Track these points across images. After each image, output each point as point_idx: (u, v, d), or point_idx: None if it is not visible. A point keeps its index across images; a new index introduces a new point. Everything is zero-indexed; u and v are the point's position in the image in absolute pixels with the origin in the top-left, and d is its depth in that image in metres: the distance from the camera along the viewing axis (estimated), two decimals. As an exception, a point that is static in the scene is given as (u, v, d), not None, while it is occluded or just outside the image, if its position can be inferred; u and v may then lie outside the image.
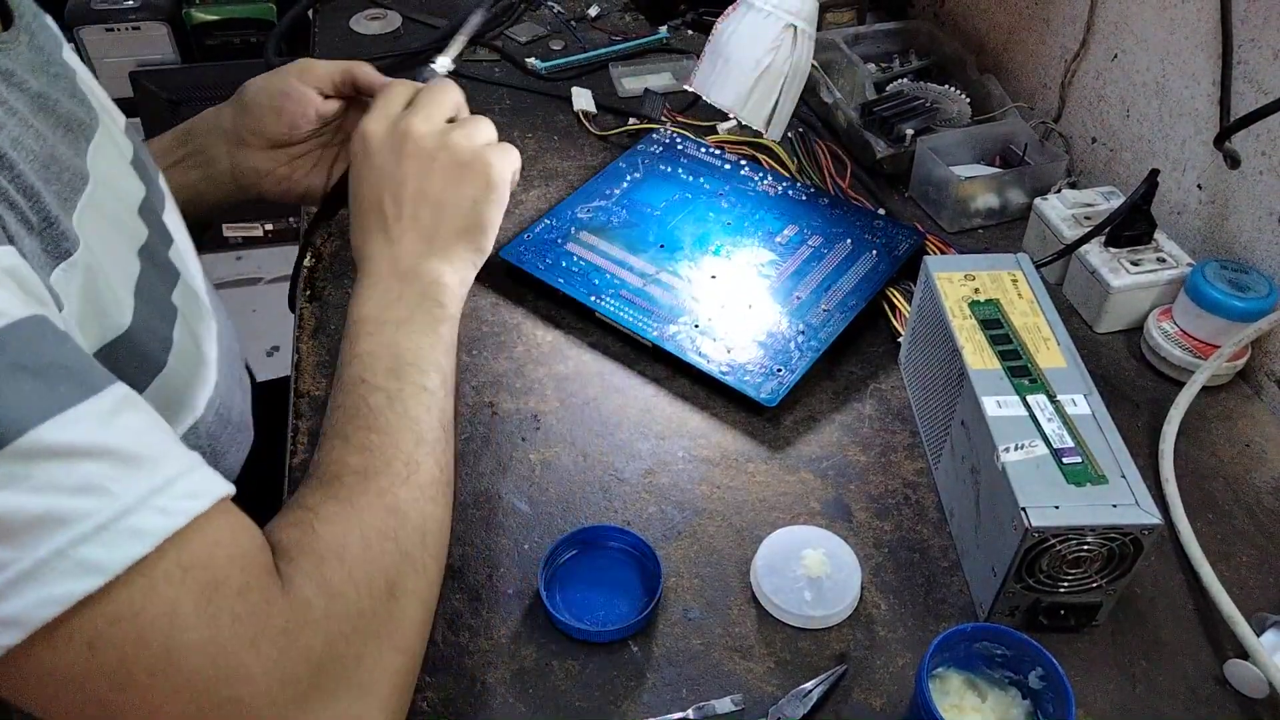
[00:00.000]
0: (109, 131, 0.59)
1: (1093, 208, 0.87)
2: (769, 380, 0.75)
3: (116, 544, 0.37)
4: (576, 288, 0.82)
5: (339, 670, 0.44)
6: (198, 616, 0.39)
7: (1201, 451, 0.74)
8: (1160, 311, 0.81)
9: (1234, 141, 0.77)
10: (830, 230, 0.88)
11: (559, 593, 0.63)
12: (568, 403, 0.76)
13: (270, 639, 0.41)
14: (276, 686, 0.41)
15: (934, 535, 0.68)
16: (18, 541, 0.36)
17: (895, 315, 0.83)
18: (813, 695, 0.58)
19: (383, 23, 1.21)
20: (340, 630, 0.44)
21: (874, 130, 0.98)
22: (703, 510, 0.69)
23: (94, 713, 0.39)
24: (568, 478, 0.71)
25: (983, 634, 0.56)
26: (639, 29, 1.23)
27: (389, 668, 0.47)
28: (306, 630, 0.43)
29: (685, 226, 0.88)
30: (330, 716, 0.43)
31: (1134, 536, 0.56)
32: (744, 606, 0.63)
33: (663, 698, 0.59)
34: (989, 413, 0.61)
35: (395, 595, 0.48)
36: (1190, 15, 0.82)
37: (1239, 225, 0.81)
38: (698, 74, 0.81)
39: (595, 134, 1.04)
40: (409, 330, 0.61)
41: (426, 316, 0.62)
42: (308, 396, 0.76)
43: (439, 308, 0.63)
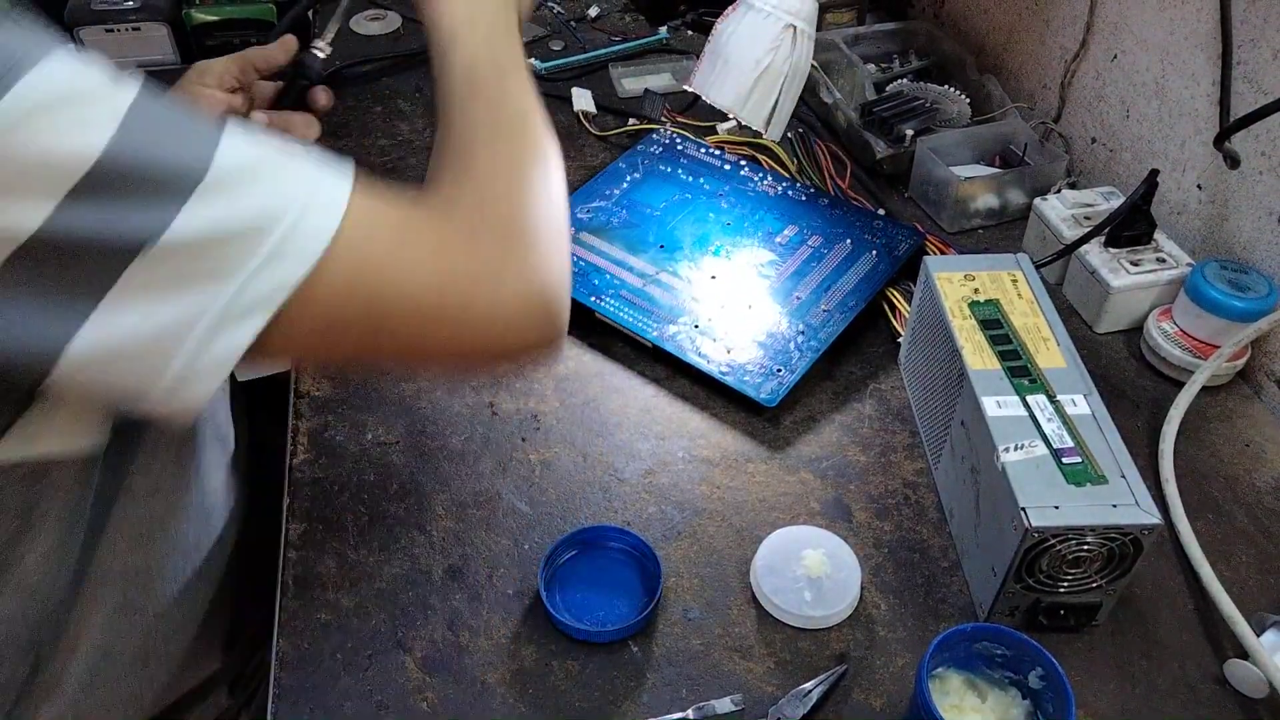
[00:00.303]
0: None
1: (1093, 208, 0.87)
2: (769, 380, 0.75)
3: (325, 213, 0.44)
4: (576, 288, 0.82)
5: (511, 232, 0.50)
6: (400, 246, 0.47)
7: (1201, 451, 0.74)
8: (1160, 311, 0.81)
9: (1234, 141, 0.77)
10: (830, 230, 0.88)
11: (559, 593, 0.63)
12: (568, 403, 0.76)
13: (457, 235, 0.49)
14: (480, 266, 0.48)
15: (934, 535, 0.68)
16: (261, 229, 0.42)
17: (895, 315, 0.83)
18: (813, 695, 0.58)
19: (383, 23, 1.21)
20: (495, 207, 0.51)
21: (874, 130, 0.98)
22: (703, 510, 0.69)
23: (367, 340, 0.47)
24: (568, 478, 0.71)
25: (983, 634, 0.56)
26: (639, 29, 1.23)
27: (545, 220, 0.52)
28: (472, 218, 0.50)
29: (685, 227, 0.88)
30: (521, 265, 0.49)
31: (1134, 536, 0.56)
32: (744, 606, 0.63)
33: (663, 698, 0.59)
34: (989, 413, 0.61)
35: (527, 157, 0.54)
36: (1190, 15, 0.82)
37: (1239, 225, 0.81)
38: (697, 74, 0.81)
39: (595, 134, 1.04)
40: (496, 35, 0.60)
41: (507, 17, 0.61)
42: (308, 397, 0.76)
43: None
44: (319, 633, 0.61)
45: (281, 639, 0.61)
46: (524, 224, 0.51)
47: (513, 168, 0.53)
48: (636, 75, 1.13)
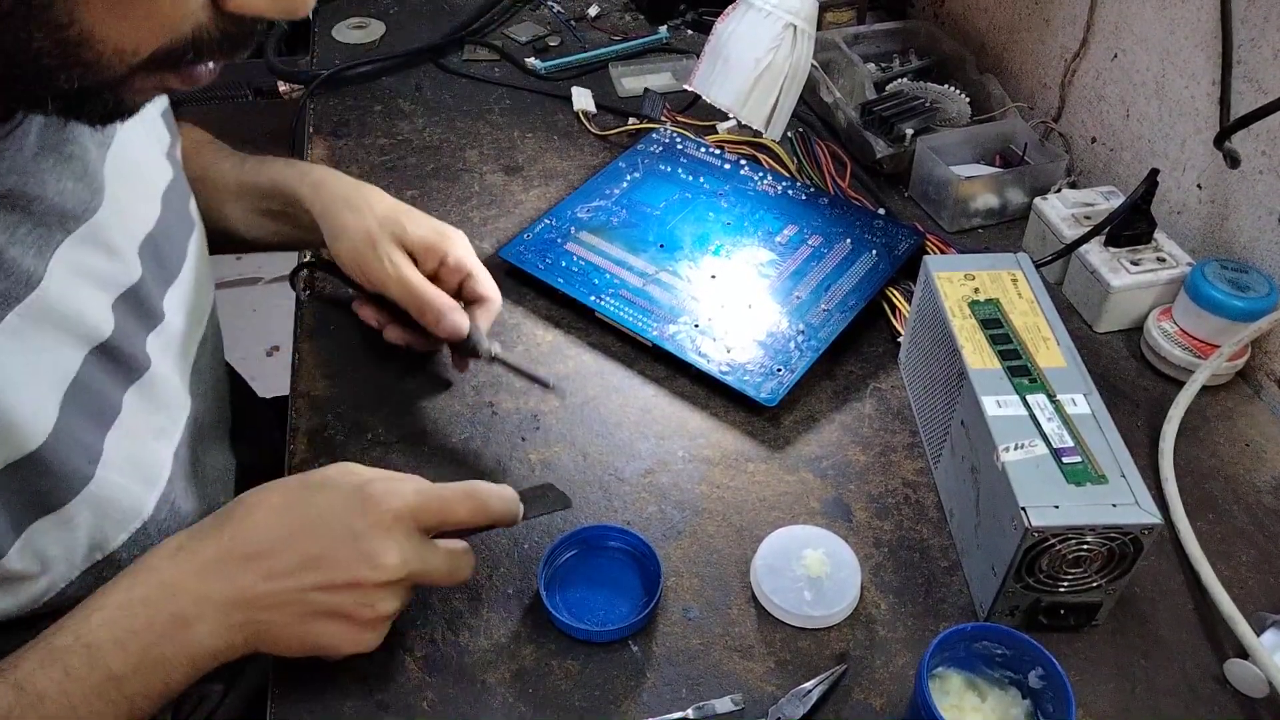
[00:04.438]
0: (115, 208, 0.58)
1: (1093, 207, 0.87)
2: (769, 380, 0.75)
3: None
4: (576, 288, 0.82)
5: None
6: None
7: (1201, 451, 0.74)
8: (1160, 311, 0.81)
9: (1234, 141, 0.77)
10: (830, 230, 0.88)
11: (559, 593, 0.63)
12: (568, 402, 0.76)
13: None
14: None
15: (934, 535, 0.68)
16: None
17: (895, 315, 0.83)
18: (813, 695, 0.58)
19: (364, 32, 1.21)
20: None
21: (874, 130, 0.98)
22: (703, 510, 0.69)
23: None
24: (568, 478, 0.71)
25: (983, 634, 0.56)
26: (639, 29, 1.23)
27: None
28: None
29: (685, 226, 0.88)
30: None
31: (1134, 536, 0.56)
32: (744, 606, 0.63)
33: (663, 697, 0.59)
34: (989, 412, 0.61)
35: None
36: (1190, 15, 0.82)
37: (1239, 225, 0.81)
38: (697, 74, 0.81)
39: (595, 134, 1.04)
40: (103, 694, 0.50)
41: (141, 685, 0.51)
42: (307, 396, 0.76)
43: (161, 686, 0.52)
44: (319, 632, 0.61)
45: (281, 639, 0.61)
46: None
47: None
48: (636, 75, 1.13)
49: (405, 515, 0.55)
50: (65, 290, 0.53)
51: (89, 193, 0.56)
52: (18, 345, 0.49)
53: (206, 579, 0.52)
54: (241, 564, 0.53)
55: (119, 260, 0.58)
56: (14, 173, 0.50)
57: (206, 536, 0.54)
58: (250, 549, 0.53)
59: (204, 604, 0.52)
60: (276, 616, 0.53)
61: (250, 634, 0.53)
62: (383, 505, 0.54)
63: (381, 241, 0.72)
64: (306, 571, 0.53)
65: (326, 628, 0.54)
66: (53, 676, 0.48)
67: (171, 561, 0.53)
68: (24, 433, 0.50)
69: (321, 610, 0.53)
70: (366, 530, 0.53)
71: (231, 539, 0.53)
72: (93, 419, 0.55)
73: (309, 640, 0.54)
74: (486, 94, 1.11)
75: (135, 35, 0.41)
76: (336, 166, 0.97)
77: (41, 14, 0.39)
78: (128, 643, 0.50)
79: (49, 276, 0.51)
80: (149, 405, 0.61)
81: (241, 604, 0.52)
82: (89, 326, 0.55)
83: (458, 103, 1.09)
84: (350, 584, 0.53)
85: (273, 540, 0.53)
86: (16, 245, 0.49)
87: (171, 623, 0.51)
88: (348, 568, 0.53)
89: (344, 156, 1.00)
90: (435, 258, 0.74)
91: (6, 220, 0.49)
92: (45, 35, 0.40)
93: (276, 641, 0.54)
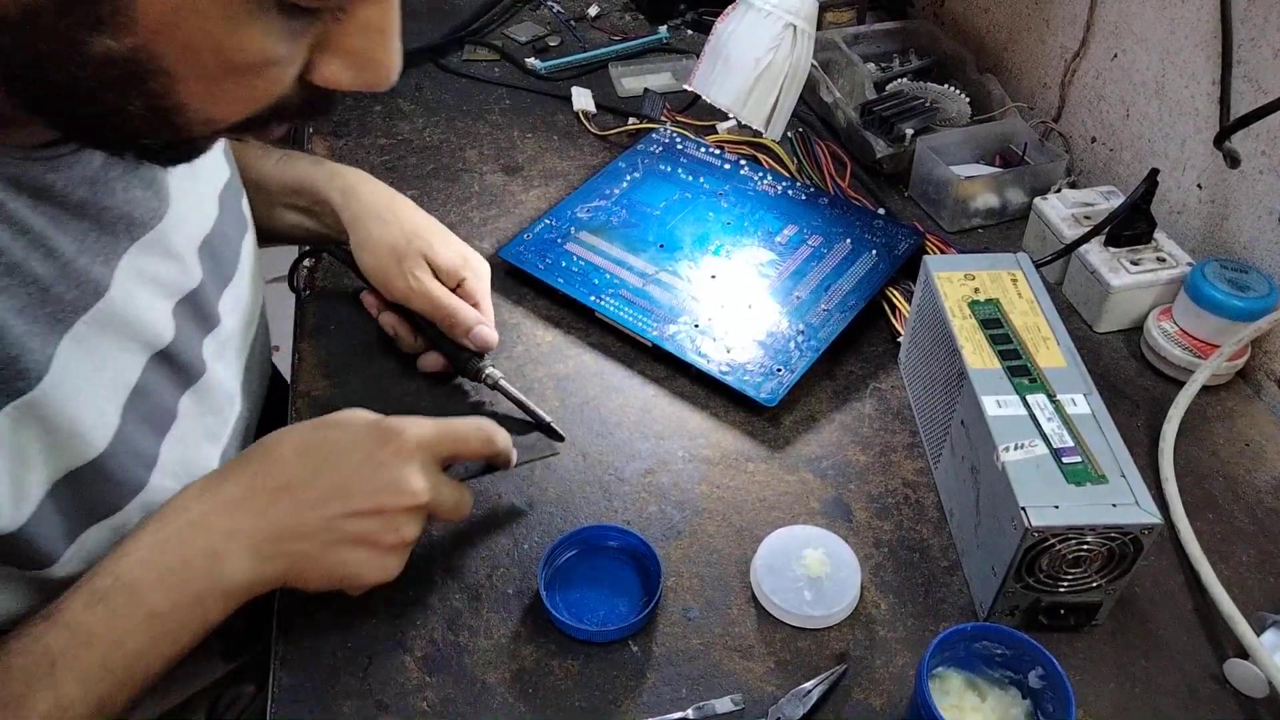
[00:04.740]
0: (181, 216, 0.59)
1: (1092, 207, 0.87)
2: (769, 380, 0.75)
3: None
4: (576, 288, 0.82)
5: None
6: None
7: (1201, 451, 0.74)
8: (1160, 311, 0.81)
9: (1234, 141, 0.77)
10: (830, 230, 0.88)
11: (559, 593, 0.63)
12: (568, 402, 0.76)
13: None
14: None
15: (934, 535, 0.68)
16: None
17: (895, 315, 0.83)
18: (813, 695, 0.58)
19: None
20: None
21: (874, 130, 0.98)
22: (703, 510, 0.69)
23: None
24: (568, 478, 0.71)
25: (983, 634, 0.56)
26: (639, 29, 1.23)
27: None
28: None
29: (685, 226, 0.88)
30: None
31: (1134, 536, 0.56)
32: (744, 606, 0.63)
33: (663, 698, 0.59)
34: (989, 412, 0.61)
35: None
36: (1190, 15, 0.82)
37: (1239, 225, 0.81)
38: (697, 74, 0.81)
39: (595, 134, 1.04)
40: (148, 630, 0.52)
41: (181, 621, 0.53)
42: (308, 396, 0.76)
43: (200, 620, 0.53)
44: (319, 633, 0.61)
45: (281, 639, 0.61)
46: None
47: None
48: (636, 75, 1.13)
49: (426, 444, 0.58)
50: (129, 298, 0.53)
51: (156, 200, 0.57)
52: (84, 354, 0.50)
53: (235, 515, 0.54)
54: (269, 498, 0.55)
55: (180, 265, 0.59)
56: (85, 183, 0.50)
57: (231, 476, 0.56)
58: (277, 483, 0.55)
59: (234, 538, 0.54)
60: (305, 546, 0.55)
61: (281, 566, 0.55)
62: (404, 435, 0.58)
63: (408, 257, 0.74)
64: (333, 500, 0.55)
65: (352, 555, 0.56)
66: (99, 615, 0.50)
67: (199, 500, 0.55)
68: (86, 441, 0.51)
69: (348, 537, 0.56)
70: (390, 458, 0.57)
71: (256, 476, 0.56)
72: (151, 426, 0.56)
73: (336, 570, 0.56)
74: (486, 94, 1.11)
75: (226, 109, 0.43)
76: (336, 166, 0.97)
77: (141, 85, 0.40)
78: (165, 580, 0.52)
79: (115, 285, 0.52)
80: (203, 409, 0.62)
81: (271, 536, 0.54)
82: (151, 333, 0.56)
83: (458, 103, 1.09)
84: (375, 510, 0.56)
85: (298, 474, 0.56)
86: (85, 254, 0.50)
87: (204, 558, 0.53)
88: (373, 494, 0.56)
89: (344, 156, 1.00)
90: (454, 281, 0.76)
91: (77, 229, 0.50)
92: (141, 103, 0.41)
93: (305, 573, 0.56)
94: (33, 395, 0.47)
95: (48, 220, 0.48)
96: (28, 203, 0.47)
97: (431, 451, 0.59)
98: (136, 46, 0.38)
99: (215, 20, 0.39)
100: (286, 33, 0.41)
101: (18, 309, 0.46)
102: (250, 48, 0.40)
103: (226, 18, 0.39)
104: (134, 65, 0.39)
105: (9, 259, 0.45)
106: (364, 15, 0.43)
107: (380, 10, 0.43)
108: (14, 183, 0.46)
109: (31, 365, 0.46)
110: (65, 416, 0.49)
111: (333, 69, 0.44)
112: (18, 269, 0.46)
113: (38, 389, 0.47)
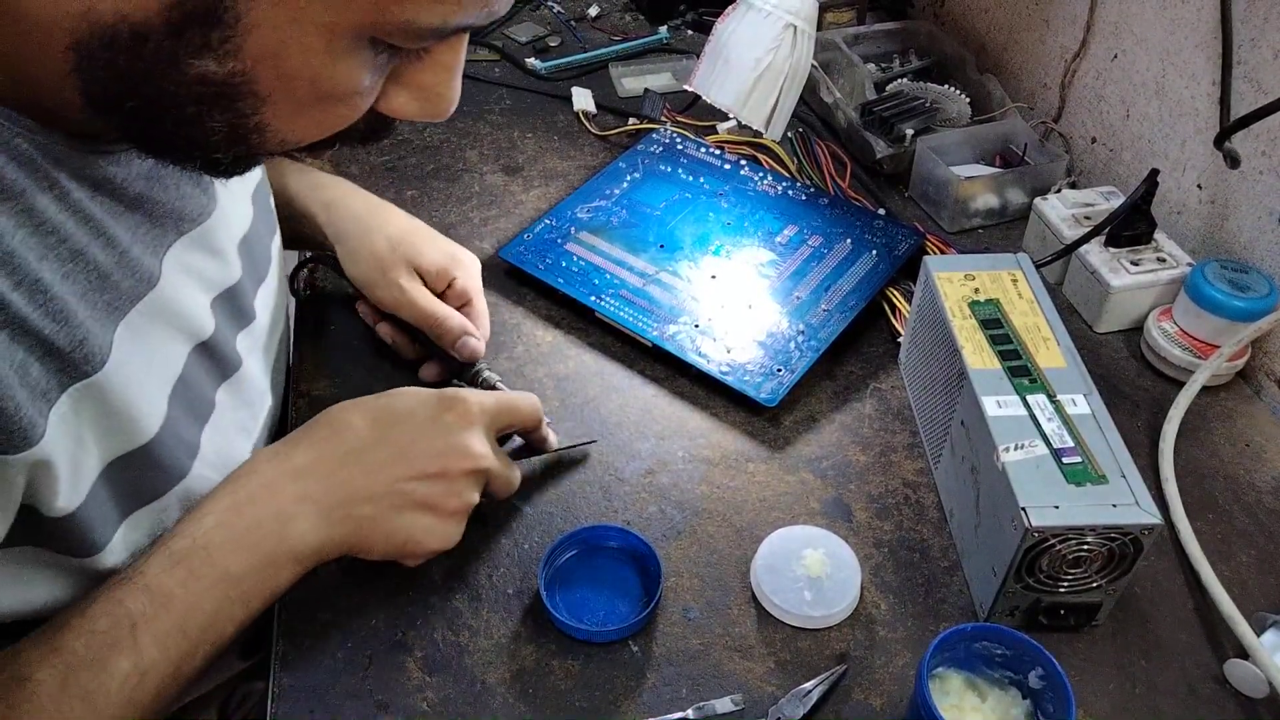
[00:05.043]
0: (224, 214, 0.60)
1: (1093, 208, 0.87)
2: (769, 380, 0.75)
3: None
4: (576, 288, 0.82)
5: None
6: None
7: (1201, 451, 0.74)
8: (1160, 311, 0.81)
9: (1234, 141, 0.77)
10: (830, 230, 0.88)
11: (559, 593, 0.63)
12: (568, 403, 0.76)
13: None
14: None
15: (934, 535, 0.68)
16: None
17: (895, 315, 0.83)
18: (813, 695, 0.58)
19: None
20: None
21: (874, 130, 0.98)
22: (703, 510, 0.69)
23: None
24: (567, 478, 0.71)
25: (983, 634, 0.56)
26: (639, 29, 1.23)
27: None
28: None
29: (685, 226, 0.88)
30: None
31: (1134, 536, 0.56)
32: (744, 606, 0.63)
33: (663, 698, 0.59)
34: (989, 413, 0.61)
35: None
36: (1190, 15, 0.82)
37: (1239, 225, 0.81)
38: (698, 74, 0.81)
39: (595, 134, 1.04)
40: (223, 592, 0.53)
41: (254, 584, 0.54)
42: (308, 396, 0.76)
43: (271, 584, 0.55)
44: (319, 633, 0.61)
45: (281, 639, 0.61)
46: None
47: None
48: (636, 75, 1.13)
49: (488, 410, 0.62)
50: (176, 290, 0.54)
51: (205, 197, 0.58)
52: (139, 341, 0.51)
53: (304, 479, 0.57)
54: (337, 463, 0.57)
55: (222, 261, 0.60)
56: (142, 178, 0.51)
57: (301, 443, 0.59)
58: (345, 449, 0.58)
59: (304, 501, 0.56)
60: (371, 510, 0.57)
61: (347, 530, 0.57)
62: (467, 402, 0.61)
63: (393, 267, 0.74)
64: (399, 463, 0.58)
65: (416, 520, 0.58)
66: (178, 577, 0.52)
67: (270, 465, 0.57)
68: (140, 427, 0.52)
69: (412, 501, 0.58)
70: (453, 422, 0.60)
71: (324, 442, 0.58)
72: (193, 416, 0.57)
73: (399, 534, 0.58)
74: (486, 94, 1.11)
75: (304, 133, 0.45)
76: (336, 167, 0.97)
77: (228, 105, 0.41)
78: (239, 542, 0.54)
79: (164, 276, 0.53)
80: (237, 402, 0.63)
81: (339, 500, 0.56)
82: (195, 325, 0.57)
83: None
84: (439, 473, 0.58)
85: (365, 439, 0.58)
86: (138, 244, 0.51)
87: (275, 520, 0.55)
88: (437, 457, 0.59)
89: (344, 157, 1.00)
90: (444, 282, 0.76)
91: (131, 220, 0.51)
92: (224, 121, 0.42)
93: (369, 537, 0.57)
94: (95, 379, 0.47)
95: (105, 211, 0.49)
96: (89, 192, 0.48)
97: (492, 419, 0.62)
98: (235, 71, 0.39)
99: (317, 53, 0.40)
100: (374, 66, 0.43)
101: (81, 294, 0.47)
102: (343, 79, 0.42)
103: (328, 51, 0.40)
104: (228, 87, 0.40)
105: (73, 245, 0.46)
106: (439, 54, 0.45)
107: (454, 50, 0.46)
108: (77, 174, 0.47)
109: (96, 350, 0.47)
110: (122, 402, 0.49)
111: (401, 100, 0.46)
112: (80, 255, 0.47)
113: (100, 373, 0.48)
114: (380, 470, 0.57)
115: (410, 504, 0.58)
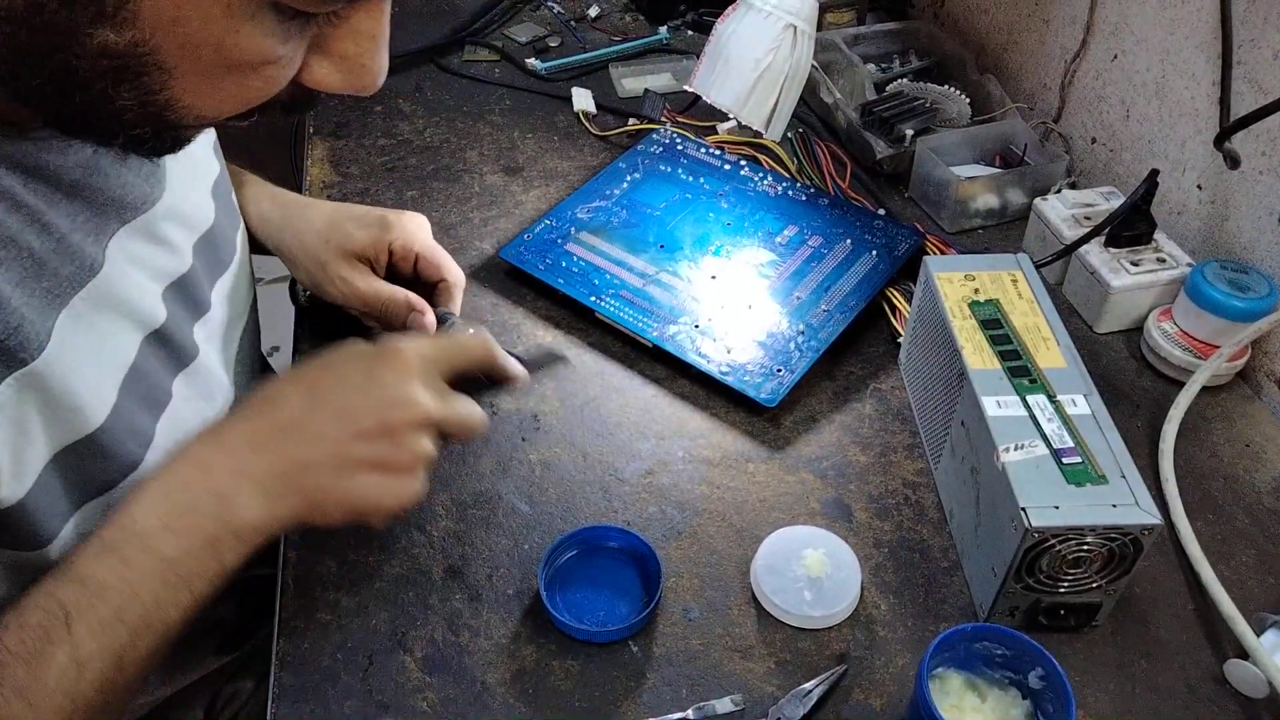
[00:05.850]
0: (173, 202, 0.59)
1: (1093, 208, 0.87)
2: (769, 380, 0.75)
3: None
4: (576, 288, 0.82)
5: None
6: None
7: (1201, 451, 0.74)
8: (1160, 311, 0.81)
9: (1234, 141, 0.77)
10: (830, 230, 0.88)
11: (559, 593, 0.63)
12: (568, 403, 0.76)
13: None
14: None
15: (934, 535, 0.68)
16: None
17: (895, 315, 0.83)
18: (813, 695, 0.58)
19: None
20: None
21: (874, 130, 0.98)
22: (703, 510, 0.69)
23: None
24: (568, 478, 0.71)
25: (983, 634, 0.56)
26: (639, 29, 1.23)
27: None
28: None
29: (685, 227, 0.88)
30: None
31: (1134, 536, 0.56)
32: (744, 606, 0.63)
33: (663, 698, 0.59)
34: (989, 413, 0.62)
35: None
36: (1190, 15, 0.82)
37: (1239, 225, 0.81)
38: (698, 74, 0.81)
39: (595, 134, 1.04)
40: (161, 578, 0.51)
41: (194, 567, 0.51)
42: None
43: (215, 565, 0.52)
44: (319, 633, 0.61)
45: (281, 639, 0.61)
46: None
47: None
48: (636, 75, 1.13)
49: (427, 357, 0.57)
50: (123, 277, 0.54)
51: (149, 186, 0.57)
52: (83, 329, 0.51)
53: (240, 455, 0.53)
54: (274, 435, 0.54)
55: (171, 251, 0.59)
56: (79, 166, 0.51)
57: (234, 420, 0.55)
58: (280, 420, 0.54)
59: (241, 477, 0.52)
60: (317, 479, 0.53)
61: (296, 503, 0.53)
62: (403, 351, 0.56)
63: (329, 262, 0.72)
64: (338, 426, 0.54)
65: (366, 480, 0.54)
66: (111, 566, 0.49)
67: (203, 445, 0.54)
68: (85, 415, 0.51)
69: (360, 463, 0.54)
70: (390, 375, 0.55)
71: (258, 416, 0.55)
72: (146, 405, 0.57)
73: (351, 498, 0.54)
74: (487, 94, 1.11)
75: (219, 105, 0.43)
76: (336, 167, 0.97)
77: (134, 79, 0.40)
78: (173, 524, 0.51)
79: (108, 263, 0.53)
80: (195, 393, 0.62)
81: (280, 473, 0.53)
82: (145, 314, 0.56)
83: (458, 103, 1.09)
84: (381, 428, 0.54)
85: (300, 408, 0.55)
86: (78, 232, 0.51)
87: (212, 501, 0.52)
88: (377, 411, 0.54)
89: (344, 157, 1.00)
90: (383, 252, 0.73)
91: (69, 208, 0.50)
92: (133, 96, 0.41)
93: (322, 505, 0.54)
94: (34, 366, 0.47)
95: (41, 198, 0.48)
96: (21, 179, 0.47)
97: (433, 364, 0.57)
98: (136, 41, 0.39)
99: (216, 19, 0.39)
100: (283, 34, 0.42)
101: (15, 281, 0.46)
102: (249, 47, 0.41)
103: (227, 16, 0.39)
104: (131, 59, 0.39)
105: (4, 232, 0.46)
106: (357, 21, 0.44)
107: (372, 17, 0.44)
108: (7, 160, 0.46)
109: (32, 336, 0.47)
110: (65, 390, 0.49)
111: (323, 71, 0.45)
112: (13, 242, 0.46)
113: (39, 360, 0.47)
114: (320, 437, 0.54)
115: (358, 466, 0.54)
